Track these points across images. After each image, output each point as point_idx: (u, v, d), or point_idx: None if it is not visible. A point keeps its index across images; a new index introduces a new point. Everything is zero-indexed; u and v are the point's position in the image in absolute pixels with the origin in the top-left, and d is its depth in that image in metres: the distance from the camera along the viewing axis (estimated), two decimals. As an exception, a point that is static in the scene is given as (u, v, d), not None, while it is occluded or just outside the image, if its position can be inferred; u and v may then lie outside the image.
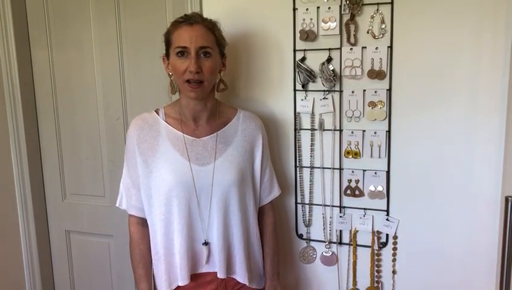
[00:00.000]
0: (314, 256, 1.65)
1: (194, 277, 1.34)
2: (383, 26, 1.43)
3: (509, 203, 1.21)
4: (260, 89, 1.61)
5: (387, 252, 1.56)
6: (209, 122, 1.36)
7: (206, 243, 1.32)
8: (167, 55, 1.33)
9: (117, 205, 1.40)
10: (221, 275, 1.34)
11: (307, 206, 1.63)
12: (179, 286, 1.33)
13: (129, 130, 1.36)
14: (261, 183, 1.45)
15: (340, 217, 1.58)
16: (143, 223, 1.37)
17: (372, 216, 1.55)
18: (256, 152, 1.41)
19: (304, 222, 1.64)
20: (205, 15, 1.59)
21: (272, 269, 1.47)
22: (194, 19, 1.28)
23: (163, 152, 1.30)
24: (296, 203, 1.64)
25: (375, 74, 1.45)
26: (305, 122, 1.58)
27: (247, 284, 1.39)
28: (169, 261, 1.33)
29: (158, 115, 1.36)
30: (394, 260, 1.55)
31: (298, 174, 1.62)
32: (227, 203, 1.33)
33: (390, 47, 1.43)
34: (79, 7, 1.82)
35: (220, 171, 1.31)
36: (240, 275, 1.38)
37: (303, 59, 1.52)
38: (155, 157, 1.31)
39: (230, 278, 1.38)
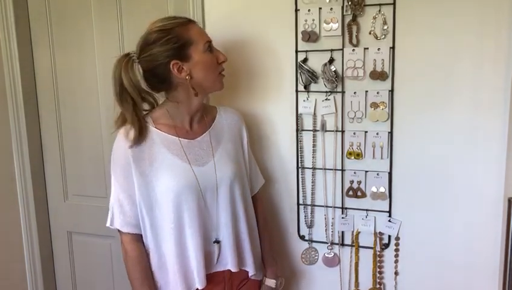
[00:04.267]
0: (316, 257, 1.64)
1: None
2: (385, 27, 1.42)
3: (512, 204, 1.21)
4: (262, 90, 1.60)
5: (389, 253, 1.56)
6: (199, 123, 1.36)
7: (217, 242, 1.32)
8: (181, 58, 1.24)
9: (108, 225, 1.30)
10: (234, 268, 1.34)
11: (309, 207, 1.62)
12: None
13: (119, 142, 1.27)
14: (251, 172, 1.47)
15: (342, 218, 1.58)
16: (138, 239, 1.31)
17: (375, 217, 1.54)
18: (244, 143, 1.44)
19: (305, 223, 1.64)
20: (207, 16, 1.63)
21: (271, 255, 1.52)
22: (189, 18, 1.29)
23: (161, 160, 1.26)
24: (298, 204, 1.64)
25: (377, 75, 1.45)
26: (307, 123, 1.57)
27: (255, 275, 1.41)
28: (184, 267, 1.29)
29: (147, 122, 1.29)
30: (396, 261, 1.55)
31: (300, 175, 1.61)
32: (233, 198, 1.34)
33: (393, 48, 1.43)
34: (81, 7, 1.82)
35: (220, 168, 1.32)
36: (250, 267, 1.39)
37: (305, 60, 1.52)
38: (153, 166, 1.26)
39: (236, 274, 1.37)
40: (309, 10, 1.49)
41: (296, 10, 1.51)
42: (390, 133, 1.48)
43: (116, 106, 1.26)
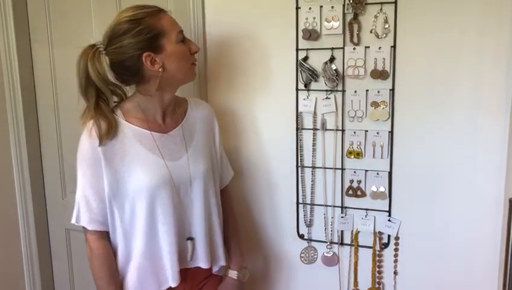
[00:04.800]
0: (315, 256, 1.64)
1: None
2: (387, 26, 1.42)
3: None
4: (262, 88, 1.60)
5: (388, 253, 1.55)
6: (172, 116, 1.32)
7: (190, 238, 1.31)
8: (154, 50, 1.19)
9: (73, 221, 1.25)
10: (206, 265, 1.34)
11: (308, 206, 1.62)
12: (169, 288, 1.29)
13: (86, 138, 1.20)
14: (221, 165, 1.46)
15: (342, 217, 1.57)
16: (105, 236, 1.26)
17: (374, 217, 1.54)
18: (215, 136, 1.43)
19: (305, 222, 1.63)
20: (207, 12, 1.62)
21: (238, 247, 1.50)
22: (159, 7, 1.22)
23: (133, 154, 1.22)
24: (298, 203, 1.63)
25: (378, 74, 1.44)
26: (307, 122, 1.57)
27: (218, 270, 1.41)
28: (155, 265, 1.27)
29: (117, 116, 1.24)
30: (396, 261, 1.54)
31: (300, 174, 1.61)
32: (206, 193, 1.33)
33: (394, 47, 1.42)
34: (80, 3, 1.81)
35: (193, 163, 1.30)
36: (222, 262, 1.40)
37: (305, 58, 1.51)
38: (124, 161, 1.21)
39: (200, 270, 1.36)
40: (310, 8, 1.48)
41: (297, 8, 1.50)
42: (391, 132, 1.47)
43: (81, 99, 1.21)
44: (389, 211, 1.52)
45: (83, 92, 1.20)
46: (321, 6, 1.47)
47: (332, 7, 1.45)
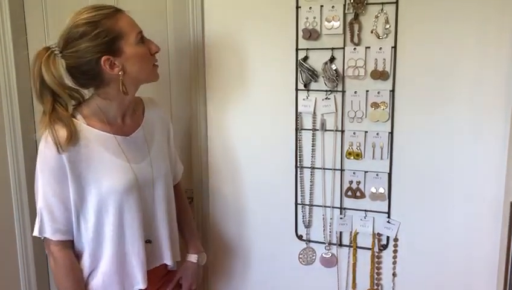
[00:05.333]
0: (314, 257, 1.63)
1: None
2: (388, 26, 1.41)
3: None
4: (261, 88, 1.58)
5: (387, 254, 1.54)
6: (132, 117, 1.30)
7: (148, 241, 1.30)
8: (113, 53, 1.16)
9: (35, 234, 1.20)
10: (171, 262, 1.37)
11: (307, 207, 1.61)
12: None
13: (48, 145, 1.14)
14: (176, 161, 1.49)
15: (341, 218, 1.56)
16: (68, 245, 1.22)
17: (373, 218, 1.53)
18: (170, 134, 1.44)
19: (303, 223, 1.62)
20: (206, 11, 1.60)
21: (195, 234, 1.54)
22: (116, 7, 1.20)
23: (99, 160, 1.19)
24: (296, 203, 1.62)
25: (379, 75, 1.43)
26: (307, 122, 1.56)
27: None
28: (123, 269, 1.26)
29: (77, 120, 1.19)
30: (395, 263, 1.54)
31: (299, 175, 1.60)
32: (168, 193, 1.35)
33: (394, 47, 1.41)
34: (78, 5, 1.78)
35: (156, 164, 1.31)
36: (178, 256, 1.43)
37: (305, 58, 1.50)
38: (90, 167, 1.18)
39: (156, 269, 1.36)
40: (310, 8, 1.47)
41: (297, 7, 1.49)
42: (391, 133, 1.46)
43: (38, 104, 1.18)
44: (388, 213, 1.52)
45: (38, 96, 1.16)
46: (321, 6, 1.45)
47: (332, 7, 1.44)
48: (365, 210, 1.54)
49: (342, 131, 1.52)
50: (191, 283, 1.47)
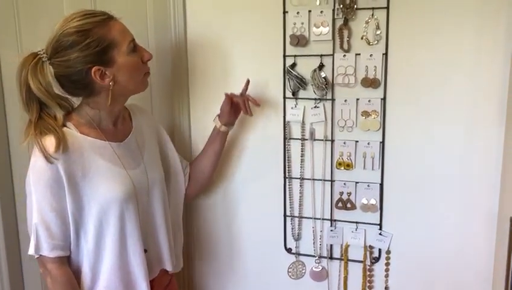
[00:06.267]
0: (304, 271, 1.57)
1: None
2: (378, 32, 1.36)
3: None
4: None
5: (379, 267, 1.50)
6: (123, 123, 1.28)
7: (145, 250, 1.25)
8: (104, 63, 1.12)
9: (31, 252, 1.14)
10: (171, 267, 1.35)
11: (296, 219, 1.55)
12: None
13: (41, 156, 1.09)
14: (182, 164, 1.45)
15: (331, 230, 1.51)
16: (65, 261, 1.17)
17: (365, 230, 1.48)
18: (164, 138, 1.41)
19: (293, 236, 1.57)
20: (189, 15, 1.54)
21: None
22: (108, 14, 1.14)
23: (95, 168, 1.15)
24: (285, 215, 1.56)
25: (369, 82, 1.38)
26: (295, 132, 1.50)
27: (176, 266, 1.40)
28: (127, 280, 1.21)
29: (70, 129, 1.15)
30: (387, 276, 1.49)
31: (287, 186, 1.54)
32: (163, 199, 1.31)
33: (386, 54, 1.36)
34: (52, 4, 1.69)
35: (150, 169, 1.28)
36: (180, 262, 1.43)
37: (293, 65, 1.44)
38: (87, 177, 1.13)
39: (158, 277, 1.34)
40: (298, 13, 1.41)
41: (284, 12, 1.42)
42: (382, 143, 1.42)
43: (24, 113, 1.12)
44: (380, 225, 1.47)
45: (24, 105, 1.11)
46: (309, 11, 1.39)
47: (321, 12, 1.38)
48: (356, 222, 1.49)
49: (332, 140, 1.47)
50: None
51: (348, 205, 1.48)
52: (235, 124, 1.48)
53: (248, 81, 1.42)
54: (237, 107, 1.43)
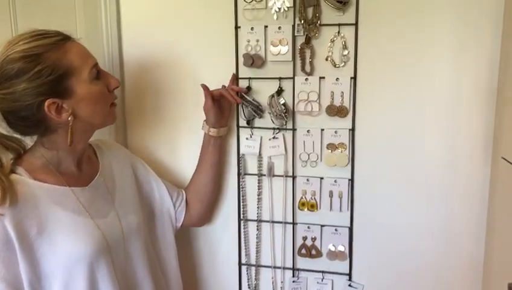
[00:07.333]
0: (262, 329, 1.37)
1: None
2: (346, 52, 1.17)
3: None
4: (194, 126, 1.30)
5: (349, 323, 1.30)
6: (88, 164, 1.09)
7: None
8: (60, 95, 0.94)
9: None
10: None
11: (253, 268, 1.35)
12: None
13: None
14: (175, 201, 1.25)
15: (294, 281, 1.32)
16: None
17: (332, 281, 1.30)
18: (144, 175, 1.21)
19: (249, 287, 1.37)
20: (125, 33, 1.32)
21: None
22: (64, 34, 0.96)
23: (55, 221, 0.95)
24: (240, 264, 1.36)
25: (336, 111, 1.20)
26: (251, 166, 1.31)
27: None
28: None
29: (21, 176, 0.97)
30: (358, 334, 1.30)
31: (242, 229, 1.34)
32: (147, 248, 1.13)
33: (354, 78, 1.18)
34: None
35: (124, 215, 1.08)
36: None
37: (248, 89, 1.24)
38: (44, 233, 0.94)
39: None
40: (252, 28, 1.20)
41: (236, 27, 1.22)
42: (351, 180, 1.24)
43: None
44: (350, 274, 1.29)
45: None
46: (266, 27, 1.20)
47: (279, 28, 1.19)
48: (322, 271, 1.31)
49: (293, 177, 1.27)
50: None
51: (313, 252, 1.30)
52: (178, 158, 1.26)
53: (234, 76, 1.25)
54: (221, 105, 1.23)
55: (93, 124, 1.03)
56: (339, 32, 1.17)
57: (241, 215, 1.33)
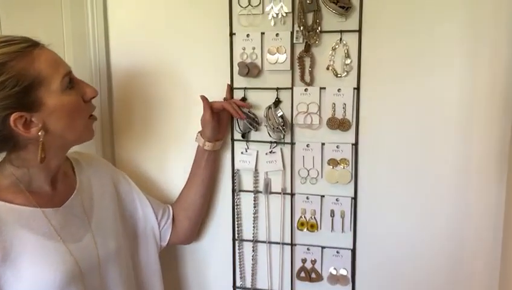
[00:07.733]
0: None
1: None
2: (348, 61, 1.09)
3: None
4: (185, 140, 1.22)
5: None
6: (64, 182, 1.01)
7: None
8: (27, 108, 0.86)
9: None
10: None
11: (249, 292, 1.27)
12: None
13: None
14: (161, 219, 1.16)
15: (292, 307, 1.23)
16: None
17: (333, 307, 1.21)
18: (128, 192, 1.13)
19: (244, 313, 1.28)
20: (112, 41, 1.25)
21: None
22: (32, 40, 0.88)
23: (21, 246, 0.87)
24: (235, 287, 1.27)
25: (337, 124, 1.12)
26: (247, 183, 1.23)
27: None
28: None
29: None
30: None
31: (237, 250, 1.26)
32: (127, 274, 1.05)
33: (357, 89, 1.10)
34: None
35: (102, 238, 0.99)
36: None
37: (243, 100, 1.16)
38: (7, 260, 0.85)
39: None
40: (248, 35, 1.13)
41: (231, 34, 1.15)
42: (354, 199, 1.15)
43: None
44: (353, 300, 1.19)
45: None
46: (262, 33, 1.12)
47: (277, 35, 1.11)
48: (323, 296, 1.22)
49: (292, 194, 1.19)
50: None
51: (313, 276, 1.22)
52: (169, 173, 1.18)
53: (229, 87, 1.18)
54: (220, 118, 1.16)
55: (68, 139, 0.95)
56: (341, 39, 1.09)
57: (236, 235, 1.25)
